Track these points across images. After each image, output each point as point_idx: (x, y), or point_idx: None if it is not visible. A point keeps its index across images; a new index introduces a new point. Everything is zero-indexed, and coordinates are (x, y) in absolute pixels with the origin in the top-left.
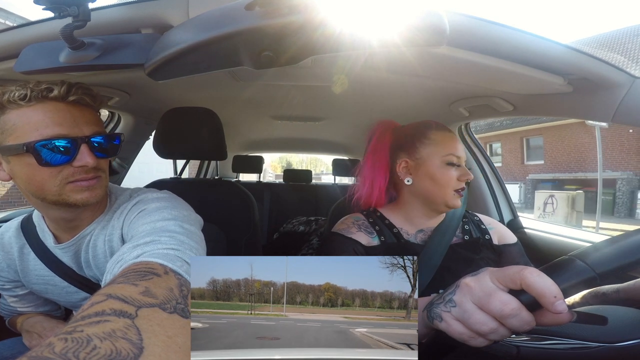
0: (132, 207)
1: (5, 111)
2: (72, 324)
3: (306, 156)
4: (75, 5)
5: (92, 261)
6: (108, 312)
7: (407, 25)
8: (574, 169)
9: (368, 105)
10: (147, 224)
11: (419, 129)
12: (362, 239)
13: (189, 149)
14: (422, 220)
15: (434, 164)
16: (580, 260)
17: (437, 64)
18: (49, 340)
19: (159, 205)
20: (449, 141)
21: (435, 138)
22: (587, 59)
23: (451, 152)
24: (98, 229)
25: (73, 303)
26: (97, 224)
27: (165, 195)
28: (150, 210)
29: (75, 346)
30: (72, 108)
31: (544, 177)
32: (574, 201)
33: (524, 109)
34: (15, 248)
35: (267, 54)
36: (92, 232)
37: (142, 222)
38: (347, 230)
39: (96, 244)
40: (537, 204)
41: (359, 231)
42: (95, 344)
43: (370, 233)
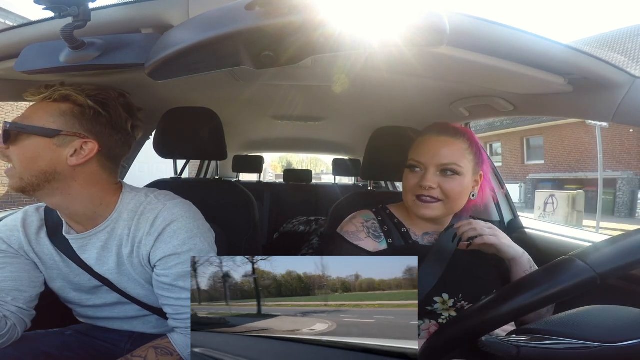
0: (158, 222)
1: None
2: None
3: (306, 156)
4: (76, 5)
5: (100, 255)
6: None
7: (407, 25)
8: (574, 169)
9: (368, 105)
10: (178, 266)
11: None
12: (369, 246)
13: (189, 149)
14: (427, 225)
15: (405, 168)
16: (581, 260)
17: (437, 64)
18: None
19: (187, 235)
20: (419, 145)
21: (415, 141)
22: (587, 59)
23: (413, 156)
24: (109, 229)
25: (79, 285)
26: (109, 222)
27: (188, 214)
28: (181, 240)
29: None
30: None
31: (545, 177)
32: (574, 201)
33: (524, 109)
34: (34, 228)
35: (267, 54)
36: (104, 229)
37: (173, 259)
38: (355, 235)
39: (106, 243)
40: (537, 203)
41: (367, 237)
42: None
43: (378, 237)
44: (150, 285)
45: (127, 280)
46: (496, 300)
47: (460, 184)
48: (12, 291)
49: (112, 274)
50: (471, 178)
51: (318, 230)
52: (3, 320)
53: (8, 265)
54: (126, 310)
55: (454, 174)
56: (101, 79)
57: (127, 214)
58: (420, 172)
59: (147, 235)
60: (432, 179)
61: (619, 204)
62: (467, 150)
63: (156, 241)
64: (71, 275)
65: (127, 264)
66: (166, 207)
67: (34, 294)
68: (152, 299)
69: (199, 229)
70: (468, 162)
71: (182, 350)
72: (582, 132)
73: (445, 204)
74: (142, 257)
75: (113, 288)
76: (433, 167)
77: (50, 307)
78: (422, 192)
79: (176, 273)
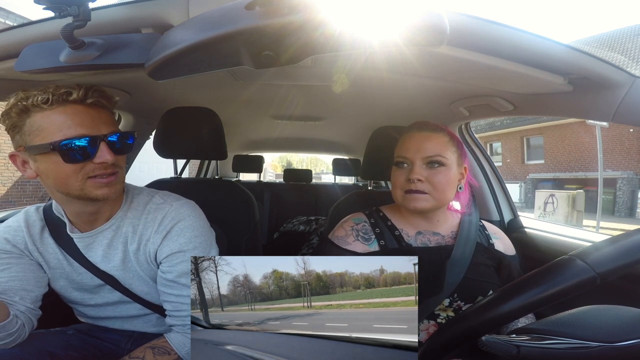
0: (166, 221)
1: (30, 114)
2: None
3: (306, 156)
4: (76, 4)
5: (105, 253)
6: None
7: (407, 25)
8: (574, 169)
9: (368, 105)
10: (182, 263)
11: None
12: (358, 248)
13: (189, 149)
14: (419, 222)
15: (392, 166)
16: (581, 259)
17: (437, 63)
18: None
19: (193, 234)
20: (404, 142)
21: (400, 139)
22: (587, 59)
23: (399, 153)
24: (115, 227)
25: (82, 284)
26: (115, 220)
27: (194, 214)
28: (187, 238)
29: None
30: (90, 109)
31: (545, 176)
32: (574, 201)
33: (524, 108)
34: (37, 228)
35: (267, 54)
36: (110, 227)
37: (179, 256)
38: (343, 240)
39: (112, 241)
40: (537, 203)
41: (355, 240)
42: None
43: (367, 240)
44: (153, 282)
45: (132, 276)
46: (496, 300)
47: (446, 175)
48: (19, 291)
49: (117, 270)
50: (456, 170)
51: (318, 230)
52: (14, 319)
53: (14, 265)
54: (127, 310)
55: (439, 165)
56: (101, 78)
57: (131, 212)
58: (408, 167)
59: (155, 234)
60: (419, 171)
61: (619, 203)
62: (449, 142)
63: (164, 239)
64: (74, 275)
65: (133, 261)
66: (173, 207)
67: (39, 294)
68: (154, 296)
69: (204, 228)
70: (452, 153)
71: (180, 348)
72: (582, 131)
73: (433, 196)
74: (149, 254)
75: (116, 286)
76: (419, 161)
77: (50, 306)
78: (411, 186)
79: (180, 270)
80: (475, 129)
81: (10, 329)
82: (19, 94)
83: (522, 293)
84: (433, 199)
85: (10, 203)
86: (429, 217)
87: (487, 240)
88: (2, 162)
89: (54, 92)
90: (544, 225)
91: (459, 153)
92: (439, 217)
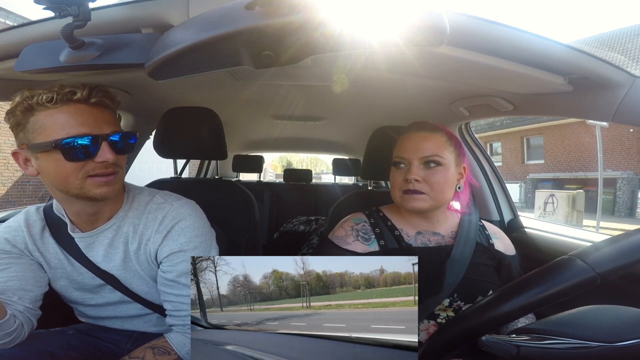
0: (166, 220)
1: (34, 113)
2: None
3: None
4: (76, 4)
5: (106, 252)
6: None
7: (407, 25)
8: (574, 169)
9: (368, 105)
10: (182, 263)
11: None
12: (358, 248)
13: (189, 149)
14: (419, 222)
15: (390, 167)
16: (581, 259)
17: (437, 63)
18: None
19: (194, 233)
20: (402, 142)
21: (398, 140)
22: (587, 59)
23: (397, 153)
24: (116, 226)
25: (82, 284)
26: (116, 220)
27: (195, 214)
28: (188, 238)
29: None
30: (93, 109)
31: (545, 176)
32: (574, 200)
33: (524, 108)
34: (38, 228)
35: (267, 54)
36: (111, 227)
37: (179, 256)
38: (343, 240)
39: (113, 240)
40: (537, 203)
41: (355, 240)
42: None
43: (367, 240)
44: (154, 282)
45: (133, 276)
46: (496, 300)
47: (444, 175)
48: (17, 290)
49: (118, 269)
50: (455, 170)
51: (318, 230)
52: (12, 318)
53: (13, 265)
54: (128, 309)
55: (437, 165)
56: (101, 78)
57: (132, 212)
58: (405, 167)
59: (156, 233)
60: (416, 171)
61: (619, 203)
62: (447, 142)
63: (164, 239)
64: (75, 274)
65: (134, 260)
66: (174, 207)
67: (39, 294)
68: (154, 295)
69: (204, 227)
70: (449, 153)
71: (180, 348)
72: (582, 131)
73: (431, 196)
74: (150, 253)
75: (116, 286)
76: (416, 161)
77: (50, 306)
78: (409, 186)
79: (180, 269)
80: (475, 129)
81: (7, 329)
82: (25, 93)
83: (522, 293)
84: (431, 199)
85: (10, 203)
86: (429, 217)
87: (487, 240)
88: (2, 162)
89: (58, 91)
90: (544, 225)
91: (457, 153)
92: (438, 217)
